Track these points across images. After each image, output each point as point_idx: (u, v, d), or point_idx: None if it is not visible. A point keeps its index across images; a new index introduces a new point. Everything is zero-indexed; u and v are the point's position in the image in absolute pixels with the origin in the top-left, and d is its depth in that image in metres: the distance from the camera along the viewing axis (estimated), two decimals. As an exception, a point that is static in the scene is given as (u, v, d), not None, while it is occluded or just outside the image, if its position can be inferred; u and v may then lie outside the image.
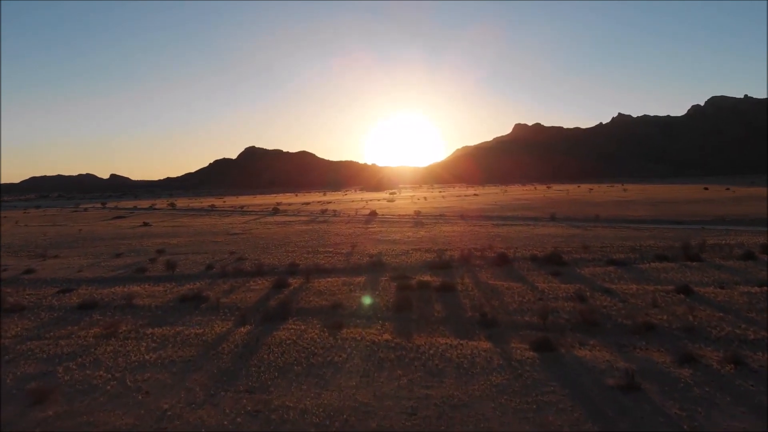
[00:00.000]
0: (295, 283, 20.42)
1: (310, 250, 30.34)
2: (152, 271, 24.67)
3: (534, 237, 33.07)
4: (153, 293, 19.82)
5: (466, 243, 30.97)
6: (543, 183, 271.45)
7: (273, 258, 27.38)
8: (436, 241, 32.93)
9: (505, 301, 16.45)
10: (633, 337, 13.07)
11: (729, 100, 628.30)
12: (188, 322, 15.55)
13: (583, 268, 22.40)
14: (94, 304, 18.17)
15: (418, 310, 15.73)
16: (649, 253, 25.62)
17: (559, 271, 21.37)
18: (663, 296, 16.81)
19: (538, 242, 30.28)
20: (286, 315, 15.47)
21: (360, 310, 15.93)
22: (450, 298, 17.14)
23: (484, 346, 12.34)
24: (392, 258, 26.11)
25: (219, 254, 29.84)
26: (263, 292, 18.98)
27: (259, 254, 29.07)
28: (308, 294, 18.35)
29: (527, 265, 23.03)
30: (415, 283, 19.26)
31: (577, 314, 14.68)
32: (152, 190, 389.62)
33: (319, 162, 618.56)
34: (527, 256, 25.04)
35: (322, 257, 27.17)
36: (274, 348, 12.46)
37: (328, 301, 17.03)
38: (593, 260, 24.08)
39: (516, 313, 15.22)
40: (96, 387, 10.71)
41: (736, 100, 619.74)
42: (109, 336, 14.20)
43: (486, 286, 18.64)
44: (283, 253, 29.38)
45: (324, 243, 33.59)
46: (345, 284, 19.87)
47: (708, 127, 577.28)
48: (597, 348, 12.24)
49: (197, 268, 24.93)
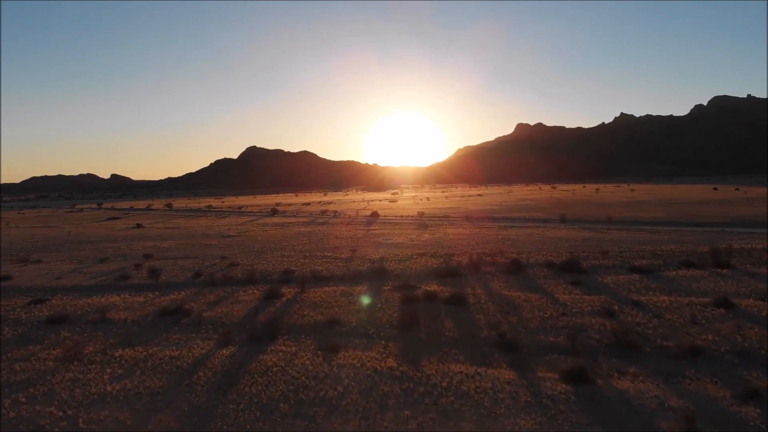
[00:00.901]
0: (288, 293, 18.53)
1: (308, 254, 28.45)
2: (135, 279, 22.79)
3: (546, 240, 31.14)
4: (132, 305, 17.94)
5: (474, 247, 29.06)
6: (546, 183, 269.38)
7: (267, 264, 25.49)
8: (441, 244, 31.02)
9: (524, 317, 14.54)
10: (679, 364, 11.17)
11: (732, 99, 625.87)
12: (165, 341, 13.67)
13: (605, 276, 20.48)
14: (64, 318, 16.30)
15: (426, 327, 13.83)
16: (673, 259, 23.69)
17: (580, 279, 19.45)
18: (701, 311, 14.89)
19: (551, 246, 28.36)
20: (275, 333, 13.59)
21: (359, 328, 14.02)
22: (461, 312, 15.23)
23: (506, 375, 10.43)
24: (395, 264, 24.21)
25: (210, 259, 27.95)
26: (252, 304, 17.08)
27: (253, 259, 27.18)
28: (302, 306, 16.46)
29: (543, 273, 21.11)
30: (422, 293, 17.36)
31: (610, 333, 12.79)
32: (152, 190, 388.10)
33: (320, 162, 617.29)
34: (542, 262, 23.12)
35: (319, 263, 25.28)
36: (259, 378, 10.57)
37: (324, 316, 15.14)
38: (614, 267, 22.16)
39: (538, 331, 13.31)
40: (42, 430, 8.84)
41: (738, 100, 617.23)
42: (71, 359, 12.32)
43: (501, 298, 16.72)
44: (278, 258, 27.49)
45: (322, 247, 31.70)
46: (344, 294, 17.98)
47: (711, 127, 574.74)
48: (640, 378, 10.34)
49: (184, 275, 23.04)
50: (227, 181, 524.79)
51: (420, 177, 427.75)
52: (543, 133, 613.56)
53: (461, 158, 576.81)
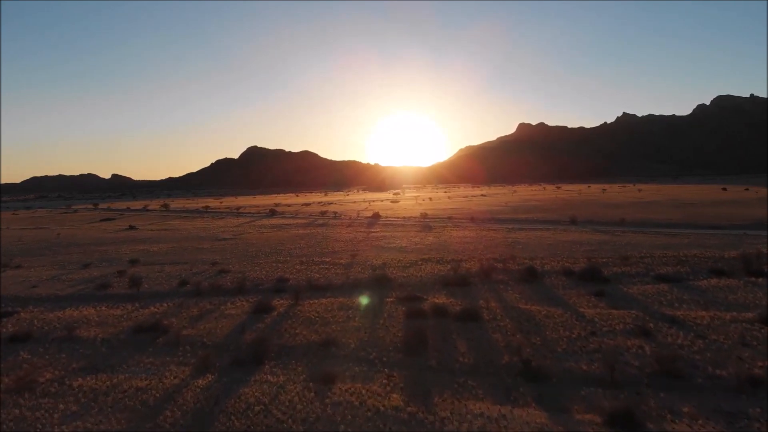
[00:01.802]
0: (280, 305, 16.70)
1: (305, 260, 26.60)
2: (116, 288, 20.96)
3: (558, 244, 29.26)
4: (106, 319, 16.12)
5: (483, 251, 27.20)
6: (548, 182, 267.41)
7: (260, 271, 23.64)
8: (447, 248, 29.16)
9: (548, 337, 12.69)
10: (738, 399, 9.37)
11: (734, 99, 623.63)
12: (135, 365, 11.85)
13: (630, 285, 18.62)
14: (28, 336, 14.49)
15: (436, 350, 11.98)
16: (700, 265, 21.83)
17: (603, 290, 17.59)
18: (748, 330, 13.05)
19: (565, 251, 26.49)
20: (262, 357, 11.76)
21: (359, 350, 12.18)
22: (475, 330, 13.38)
23: (537, 418, 8.59)
24: (399, 270, 22.37)
25: (200, 265, 26.12)
26: (239, 320, 15.25)
27: (245, 265, 25.34)
28: (295, 323, 14.62)
29: (561, 282, 19.26)
30: (429, 307, 15.51)
31: (651, 359, 10.97)
32: (152, 190, 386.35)
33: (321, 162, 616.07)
34: (559, 270, 21.27)
35: (316, 270, 23.44)
36: (237, 420, 8.72)
37: (318, 335, 13.30)
38: (638, 275, 20.30)
39: (567, 356, 11.46)
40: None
41: (741, 100, 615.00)
42: (22, 390, 10.51)
43: (518, 313, 14.87)
44: (272, 264, 25.64)
45: (321, 251, 29.85)
46: (342, 308, 16.13)
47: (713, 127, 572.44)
48: (698, 421, 8.51)
49: (169, 284, 21.20)
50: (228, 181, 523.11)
51: (422, 177, 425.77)
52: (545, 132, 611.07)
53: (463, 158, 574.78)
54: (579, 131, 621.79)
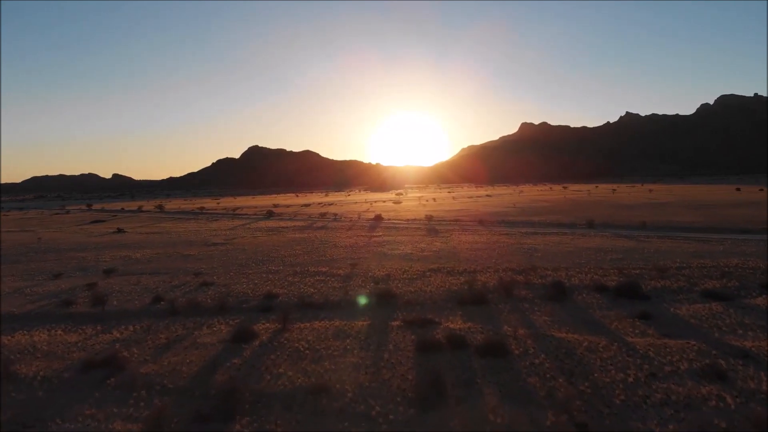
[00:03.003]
0: (265, 331, 14.03)
1: (299, 269, 23.93)
2: (81, 305, 18.29)
3: (581, 252, 26.54)
4: (56, 348, 13.46)
5: (498, 260, 24.50)
6: (551, 182, 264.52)
7: (247, 283, 20.97)
8: (458, 256, 26.46)
9: (598, 382, 9.98)
10: None
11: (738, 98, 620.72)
12: (72, 420, 9.21)
13: (676, 304, 15.93)
14: (-47, 372, 11.80)
15: (459, 403, 9.29)
16: (748, 279, 19.13)
17: (647, 311, 14.90)
18: None
19: (591, 260, 23.77)
20: (232, 410, 9.12)
21: (357, 401, 9.51)
22: (505, 372, 10.67)
23: None
24: (405, 284, 19.69)
25: (181, 275, 23.45)
26: (213, 351, 12.58)
27: (232, 276, 22.66)
28: (280, 357, 11.94)
29: (595, 300, 16.56)
30: (444, 335, 12.83)
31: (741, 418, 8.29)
32: (152, 190, 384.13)
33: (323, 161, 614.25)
34: (588, 284, 18.57)
35: (311, 282, 20.74)
36: None
37: (306, 377, 10.62)
38: (681, 291, 17.61)
39: (629, 412, 8.76)
40: None
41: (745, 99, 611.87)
42: None
43: (554, 344, 12.16)
44: (262, 274, 22.96)
45: (317, 259, 27.18)
46: (338, 334, 13.46)
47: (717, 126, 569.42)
48: None
49: (141, 301, 18.53)
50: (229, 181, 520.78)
51: (424, 177, 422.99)
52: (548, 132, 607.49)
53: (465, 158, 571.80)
54: (582, 131, 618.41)
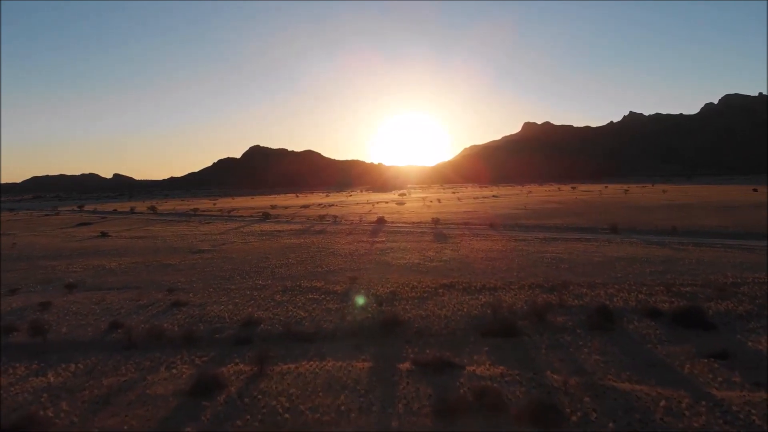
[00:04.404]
0: (237, 377, 10.79)
1: (290, 284, 20.69)
2: (21, 334, 15.06)
3: (613, 263, 23.23)
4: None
5: (520, 273, 21.23)
6: (554, 182, 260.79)
7: (227, 302, 17.73)
8: (472, 267, 23.20)
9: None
10: None
11: (743, 98, 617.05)
12: None
13: (750, 336, 12.70)
14: None
15: None
16: (829, 299, 15.83)
17: (723, 348, 11.65)
18: None
19: (629, 274, 20.46)
20: None
21: None
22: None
23: None
24: (414, 306, 16.44)
25: (153, 291, 20.20)
26: (164, 411, 9.34)
27: (210, 293, 19.42)
28: (250, 424, 8.70)
29: (651, 330, 13.29)
30: (470, 389, 9.60)
31: None
32: (153, 190, 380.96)
33: (324, 161, 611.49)
34: (636, 306, 15.31)
35: (302, 302, 17.48)
36: None
37: (283, 465, 7.37)
38: (750, 317, 14.37)
39: None
40: None
41: (750, 98, 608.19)
42: None
43: (621, 403, 8.89)
44: (246, 291, 19.70)
45: (312, 270, 23.94)
46: (330, 386, 10.21)
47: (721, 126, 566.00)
48: None
49: (95, 328, 15.29)
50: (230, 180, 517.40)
51: (426, 177, 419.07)
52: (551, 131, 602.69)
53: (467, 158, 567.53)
54: (585, 130, 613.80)
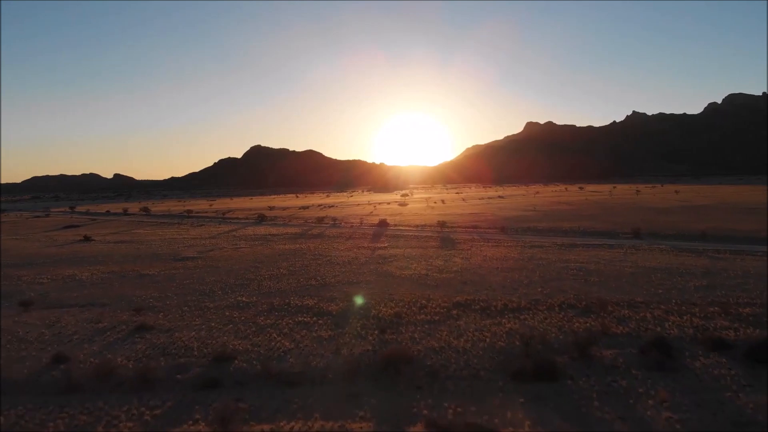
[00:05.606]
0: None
1: (277, 301, 17.82)
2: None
3: (648, 274, 20.31)
4: None
5: (544, 287, 18.34)
6: (557, 182, 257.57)
7: (199, 328, 14.86)
8: (487, 280, 20.29)
9: None
10: None
11: (747, 97, 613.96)
12: None
13: None
14: None
15: None
16: None
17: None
18: None
19: (671, 289, 17.56)
20: None
21: None
22: None
23: None
24: (424, 334, 13.59)
25: (119, 311, 17.34)
26: None
27: (183, 314, 16.56)
28: None
29: (723, 369, 10.45)
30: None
31: None
32: (152, 190, 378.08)
33: (326, 161, 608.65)
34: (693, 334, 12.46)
35: (288, 328, 14.61)
36: None
37: None
38: None
39: None
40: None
41: (754, 98, 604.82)
42: None
43: None
44: (226, 311, 16.82)
45: (305, 283, 21.06)
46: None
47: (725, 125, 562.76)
48: None
49: (35, 362, 12.44)
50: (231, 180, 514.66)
51: (428, 177, 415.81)
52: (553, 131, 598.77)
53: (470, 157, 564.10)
54: (588, 130, 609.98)
